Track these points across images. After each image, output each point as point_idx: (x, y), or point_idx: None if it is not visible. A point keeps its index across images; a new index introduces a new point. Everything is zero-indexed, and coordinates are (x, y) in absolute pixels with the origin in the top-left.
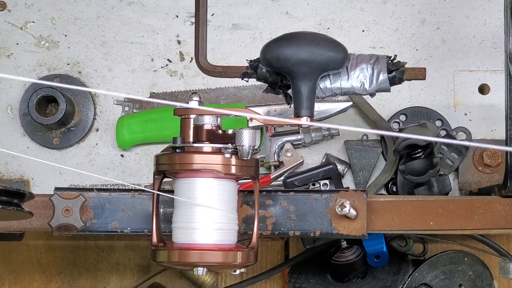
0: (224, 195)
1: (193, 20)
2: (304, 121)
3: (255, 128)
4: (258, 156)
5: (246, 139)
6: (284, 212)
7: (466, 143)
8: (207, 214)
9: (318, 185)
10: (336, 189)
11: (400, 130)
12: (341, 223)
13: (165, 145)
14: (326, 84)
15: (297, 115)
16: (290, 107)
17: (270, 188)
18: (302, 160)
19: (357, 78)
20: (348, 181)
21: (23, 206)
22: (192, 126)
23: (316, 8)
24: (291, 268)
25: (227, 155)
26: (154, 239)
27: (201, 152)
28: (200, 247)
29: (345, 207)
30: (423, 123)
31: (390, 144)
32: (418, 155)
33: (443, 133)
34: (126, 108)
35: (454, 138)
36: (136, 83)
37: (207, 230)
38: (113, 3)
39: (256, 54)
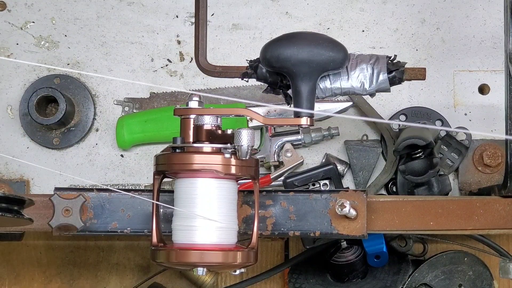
0: (224, 195)
1: (193, 20)
2: (304, 121)
3: (255, 128)
4: (258, 156)
5: (245, 139)
6: (284, 212)
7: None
8: (207, 214)
9: (318, 185)
10: (336, 189)
11: (400, 131)
12: (341, 223)
13: (165, 145)
14: (326, 84)
15: (297, 115)
16: (290, 107)
17: (270, 188)
18: (302, 160)
19: (357, 78)
20: (348, 181)
21: (23, 213)
22: (192, 126)
23: (316, 8)
24: (291, 268)
25: (227, 155)
26: (154, 239)
27: (201, 152)
28: (200, 247)
29: (345, 207)
30: (423, 123)
31: (390, 144)
32: (418, 155)
33: (443, 133)
34: (126, 108)
35: (454, 138)
36: (136, 83)
37: (207, 230)
38: (113, 3)
39: (256, 54)
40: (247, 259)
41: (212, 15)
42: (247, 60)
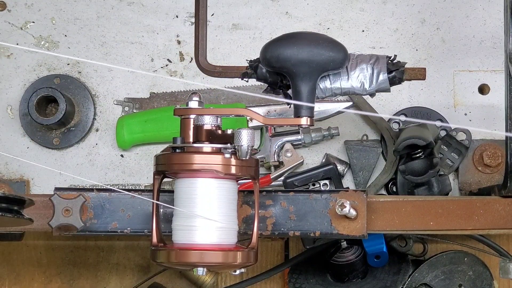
0: (224, 195)
1: (193, 20)
2: (304, 121)
3: (255, 128)
4: (258, 156)
5: (245, 139)
6: (284, 212)
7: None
8: (207, 214)
9: (318, 185)
10: (336, 189)
11: (400, 131)
12: (341, 223)
13: (165, 145)
14: (326, 84)
15: (297, 115)
16: (290, 107)
17: (270, 188)
18: (302, 160)
19: (357, 78)
20: (348, 181)
21: (23, 213)
22: (192, 126)
23: (316, 8)
24: (291, 268)
25: (227, 155)
26: (154, 239)
27: (201, 152)
28: (200, 247)
29: (345, 207)
30: (423, 123)
31: (390, 144)
32: (418, 155)
33: (443, 133)
34: (126, 108)
35: (454, 138)
36: (136, 83)
37: (207, 230)
38: (113, 3)
39: (256, 54)
40: (247, 259)
41: (212, 15)
42: (247, 60)
